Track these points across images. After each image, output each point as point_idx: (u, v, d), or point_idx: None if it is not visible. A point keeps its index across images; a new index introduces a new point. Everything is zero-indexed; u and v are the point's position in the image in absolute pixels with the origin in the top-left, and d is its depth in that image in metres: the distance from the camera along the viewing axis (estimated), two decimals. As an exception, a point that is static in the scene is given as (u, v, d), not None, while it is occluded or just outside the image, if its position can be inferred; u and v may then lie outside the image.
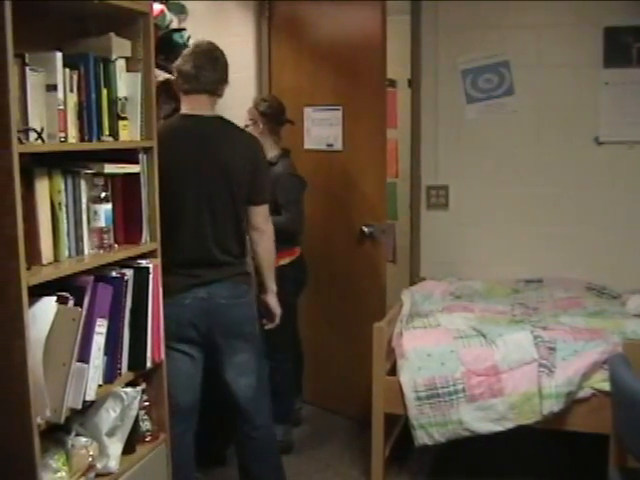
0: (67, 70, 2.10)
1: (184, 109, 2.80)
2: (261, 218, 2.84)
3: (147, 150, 2.44)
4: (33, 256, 2.01)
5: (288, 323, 3.60)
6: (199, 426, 2.90)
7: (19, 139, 1.89)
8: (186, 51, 2.83)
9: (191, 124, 2.75)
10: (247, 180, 2.77)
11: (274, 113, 3.61)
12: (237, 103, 3.88)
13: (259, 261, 2.90)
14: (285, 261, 3.53)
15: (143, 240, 2.45)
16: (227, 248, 2.77)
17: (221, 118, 2.83)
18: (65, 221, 2.15)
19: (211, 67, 2.75)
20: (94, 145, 2.23)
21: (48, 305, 1.99)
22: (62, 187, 2.14)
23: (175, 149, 2.67)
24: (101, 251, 2.27)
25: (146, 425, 2.54)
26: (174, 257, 2.63)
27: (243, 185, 2.76)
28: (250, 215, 2.82)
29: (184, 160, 2.70)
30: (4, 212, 1.86)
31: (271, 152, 3.56)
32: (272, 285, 2.96)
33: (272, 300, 2.98)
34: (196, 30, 3.95)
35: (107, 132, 2.28)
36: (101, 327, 2.17)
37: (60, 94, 2.07)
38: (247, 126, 3.53)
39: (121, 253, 2.34)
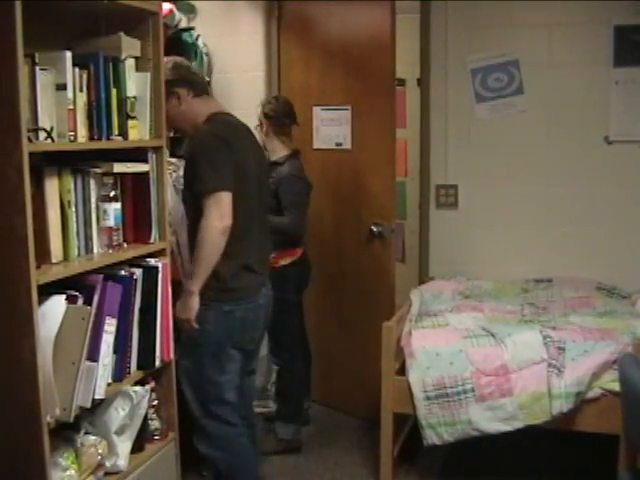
0: (77, 69, 2.11)
1: (214, 109, 2.70)
2: None
3: (156, 149, 2.44)
4: (43, 255, 2.02)
5: (291, 322, 3.65)
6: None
7: (29, 138, 1.90)
8: (175, 63, 2.69)
9: (239, 122, 2.75)
10: None
11: (279, 115, 3.61)
12: (246, 102, 3.88)
13: None
14: (286, 261, 3.55)
15: (152, 239, 2.45)
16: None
17: None
18: (74, 220, 2.16)
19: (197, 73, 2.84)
20: (103, 144, 2.23)
21: (58, 304, 2.00)
22: (72, 186, 2.15)
23: (243, 147, 2.65)
24: (110, 250, 2.28)
25: (155, 424, 2.55)
26: (248, 257, 2.64)
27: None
28: None
29: (250, 158, 2.68)
30: (14, 211, 1.87)
31: (279, 153, 3.58)
32: None
33: None
34: (205, 30, 3.96)
35: (116, 131, 2.29)
36: (110, 326, 2.18)
37: (70, 93, 2.08)
38: (257, 127, 3.54)
39: (130, 252, 2.35)
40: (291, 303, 3.62)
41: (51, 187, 2.08)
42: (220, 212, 2.43)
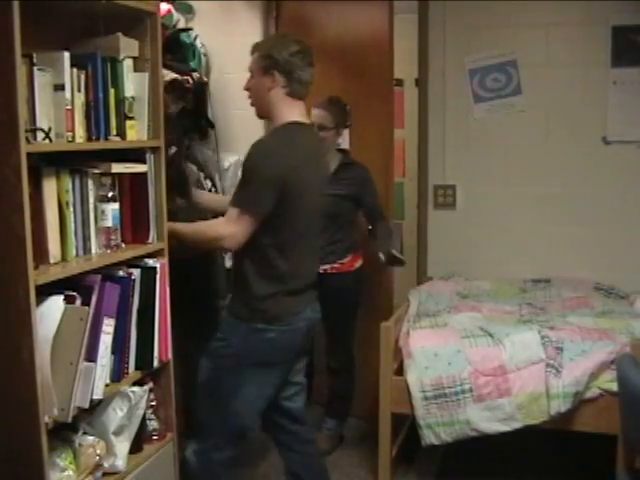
0: (75, 70, 2.11)
1: (292, 117, 2.46)
2: None
3: (154, 149, 2.44)
4: (41, 255, 2.02)
5: (355, 324, 3.72)
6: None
7: (27, 139, 1.89)
8: (298, 51, 2.43)
9: (311, 138, 2.59)
10: None
11: None
12: (245, 103, 3.86)
13: None
14: (359, 264, 3.67)
15: (150, 239, 2.45)
16: None
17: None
18: (73, 220, 2.16)
19: (311, 71, 2.49)
20: (101, 145, 2.23)
21: (56, 304, 2.00)
22: (70, 186, 2.15)
23: (300, 166, 2.40)
24: (108, 250, 2.28)
25: (153, 424, 2.55)
26: (290, 281, 2.44)
27: None
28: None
29: (309, 179, 2.45)
30: (12, 211, 1.87)
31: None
32: None
33: None
34: (203, 30, 3.96)
35: (114, 132, 2.29)
36: (108, 326, 2.18)
37: (68, 94, 2.08)
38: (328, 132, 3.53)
39: (128, 252, 2.34)
40: (359, 305, 3.70)
41: (49, 187, 2.08)
42: (234, 230, 2.33)
